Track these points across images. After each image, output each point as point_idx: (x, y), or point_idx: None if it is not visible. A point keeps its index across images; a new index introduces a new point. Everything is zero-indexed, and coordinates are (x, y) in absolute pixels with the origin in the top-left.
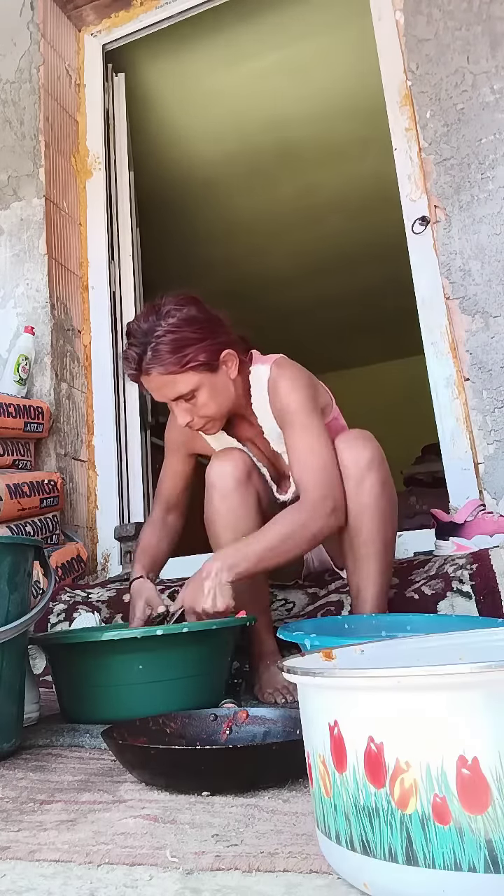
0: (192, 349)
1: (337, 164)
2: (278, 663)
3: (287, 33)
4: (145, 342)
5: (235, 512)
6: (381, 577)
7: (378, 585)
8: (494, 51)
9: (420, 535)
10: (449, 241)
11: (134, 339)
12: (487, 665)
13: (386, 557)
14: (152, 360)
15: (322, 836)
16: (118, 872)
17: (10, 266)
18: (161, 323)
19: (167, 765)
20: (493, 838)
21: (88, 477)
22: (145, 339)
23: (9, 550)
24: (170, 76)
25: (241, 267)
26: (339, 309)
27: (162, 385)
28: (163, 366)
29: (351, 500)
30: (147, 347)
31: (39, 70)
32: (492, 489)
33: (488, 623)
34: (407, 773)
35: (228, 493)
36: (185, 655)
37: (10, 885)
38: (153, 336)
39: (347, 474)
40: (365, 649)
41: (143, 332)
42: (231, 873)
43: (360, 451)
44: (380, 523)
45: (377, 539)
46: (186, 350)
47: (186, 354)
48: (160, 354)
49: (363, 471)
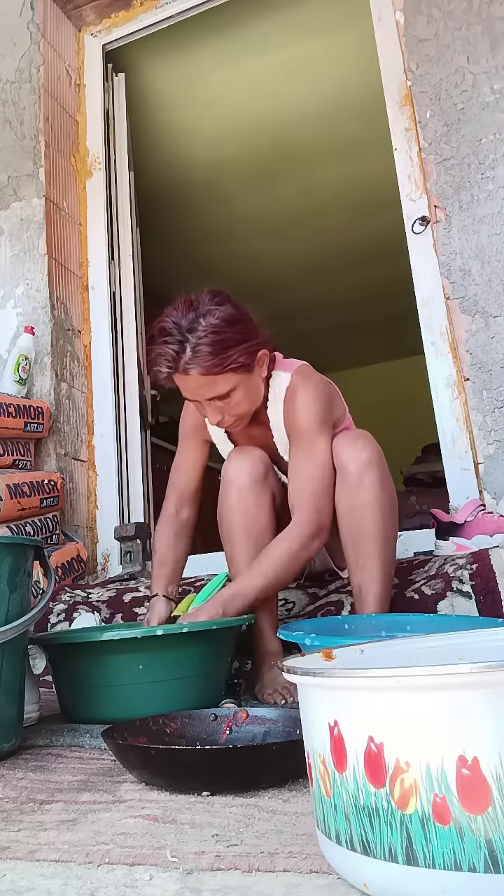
0: (233, 351)
1: (337, 164)
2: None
3: (287, 33)
4: (183, 340)
5: (250, 510)
6: (383, 576)
7: (380, 584)
8: (494, 51)
9: (420, 535)
10: (449, 241)
11: (170, 335)
12: (487, 665)
13: (387, 556)
14: (192, 360)
15: (322, 836)
16: (118, 872)
17: (10, 266)
18: (201, 321)
19: (167, 765)
20: (493, 838)
21: (88, 477)
22: (183, 336)
23: (9, 550)
24: (170, 76)
25: (242, 267)
26: (339, 309)
27: (200, 385)
28: (203, 366)
29: (350, 498)
30: (185, 345)
31: (39, 70)
32: (492, 489)
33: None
34: (407, 773)
35: (245, 490)
36: (185, 655)
37: (10, 885)
38: (193, 334)
39: (347, 472)
40: (365, 649)
41: (180, 328)
42: (231, 873)
43: (359, 451)
44: (380, 521)
45: (378, 537)
46: (229, 352)
47: (229, 356)
48: (201, 355)
49: (362, 469)
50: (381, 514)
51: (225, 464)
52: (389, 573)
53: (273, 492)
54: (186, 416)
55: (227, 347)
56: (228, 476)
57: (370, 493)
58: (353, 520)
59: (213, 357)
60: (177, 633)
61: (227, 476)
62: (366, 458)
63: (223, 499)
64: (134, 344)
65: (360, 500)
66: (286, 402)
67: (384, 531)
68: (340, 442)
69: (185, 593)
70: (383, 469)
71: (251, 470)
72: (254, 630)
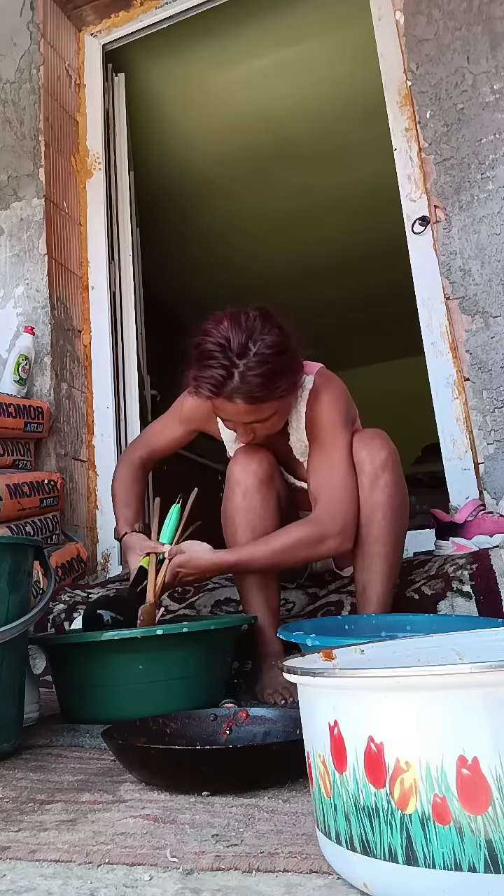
0: (282, 381)
1: (337, 163)
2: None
3: (287, 33)
4: (230, 366)
5: (256, 511)
6: (389, 579)
7: (384, 586)
8: (494, 51)
9: (420, 535)
10: (449, 241)
11: (214, 359)
12: (487, 665)
13: (395, 558)
14: (239, 388)
15: (322, 836)
16: (118, 872)
17: (10, 266)
18: (251, 347)
19: (167, 765)
20: (493, 838)
21: (88, 477)
22: (231, 362)
23: (9, 550)
24: (170, 76)
25: (242, 267)
26: (339, 309)
27: (242, 412)
28: (252, 396)
29: (364, 498)
30: (234, 371)
31: (39, 70)
32: (492, 489)
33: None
34: (407, 773)
35: (251, 491)
36: (185, 655)
37: (10, 885)
38: (243, 361)
39: (362, 471)
40: (365, 649)
41: (228, 352)
42: (231, 873)
43: (376, 451)
44: (392, 523)
45: (388, 539)
46: (277, 383)
47: (277, 387)
48: (250, 385)
49: (378, 469)
50: (394, 515)
51: (230, 464)
52: (394, 575)
53: (279, 493)
54: (187, 403)
55: (275, 379)
56: (234, 476)
57: (384, 494)
58: (365, 520)
59: (262, 389)
60: (177, 633)
61: (233, 476)
62: (382, 458)
63: (229, 499)
64: (134, 344)
65: (373, 501)
66: (310, 402)
67: (394, 535)
68: (357, 441)
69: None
70: (399, 471)
71: (258, 470)
72: (254, 630)
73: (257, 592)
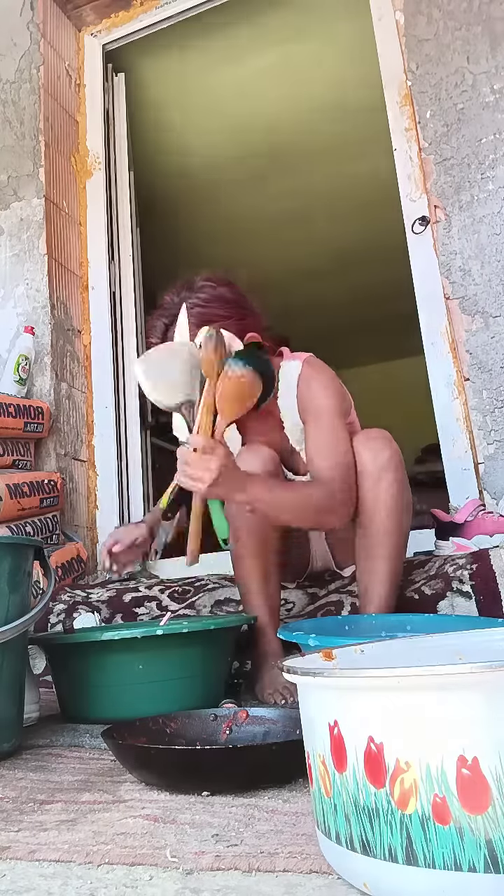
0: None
1: (337, 163)
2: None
3: (287, 33)
4: (172, 314)
5: None
6: (391, 578)
7: (387, 587)
8: (494, 51)
9: (420, 535)
10: (449, 241)
11: (162, 310)
12: (487, 665)
13: (397, 559)
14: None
15: (322, 836)
16: (118, 872)
17: (10, 266)
18: (191, 297)
19: (167, 765)
20: (493, 838)
21: (88, 477)
22: (173, 311)
23: (9, 550)
24: (170, 76)
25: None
26: (338, 309)
27: None
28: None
29: (367, 497)
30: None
31: (39, 70)
32: (492, 489)
33: (488, 623)
34: (407, 773)
35: None
36: (185, 655)
37: (9, 885)
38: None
39: (365, 472)
40: (365, 649)
41: (172, 304)
42: (231, 873)
43: (378, 451)
44: (395, 523)
45: (390, 540)
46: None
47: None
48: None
49: (380, 469)
50: (397, 516)
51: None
52: (397, 576)
53: None
54: None
55: (208, 321)
56: None
57: (387, 494)
58: (368, 520)
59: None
60: (177, 632)
61: None
62: (385, 458)
63: None
64: (134, 344)
65: (376, 501)
66: (300, 386)
67: (396, 535)
68: (359, 442)
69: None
70: (402, 471)
71: (262, 469)
72: (254, 630)
73: (257, 592)
